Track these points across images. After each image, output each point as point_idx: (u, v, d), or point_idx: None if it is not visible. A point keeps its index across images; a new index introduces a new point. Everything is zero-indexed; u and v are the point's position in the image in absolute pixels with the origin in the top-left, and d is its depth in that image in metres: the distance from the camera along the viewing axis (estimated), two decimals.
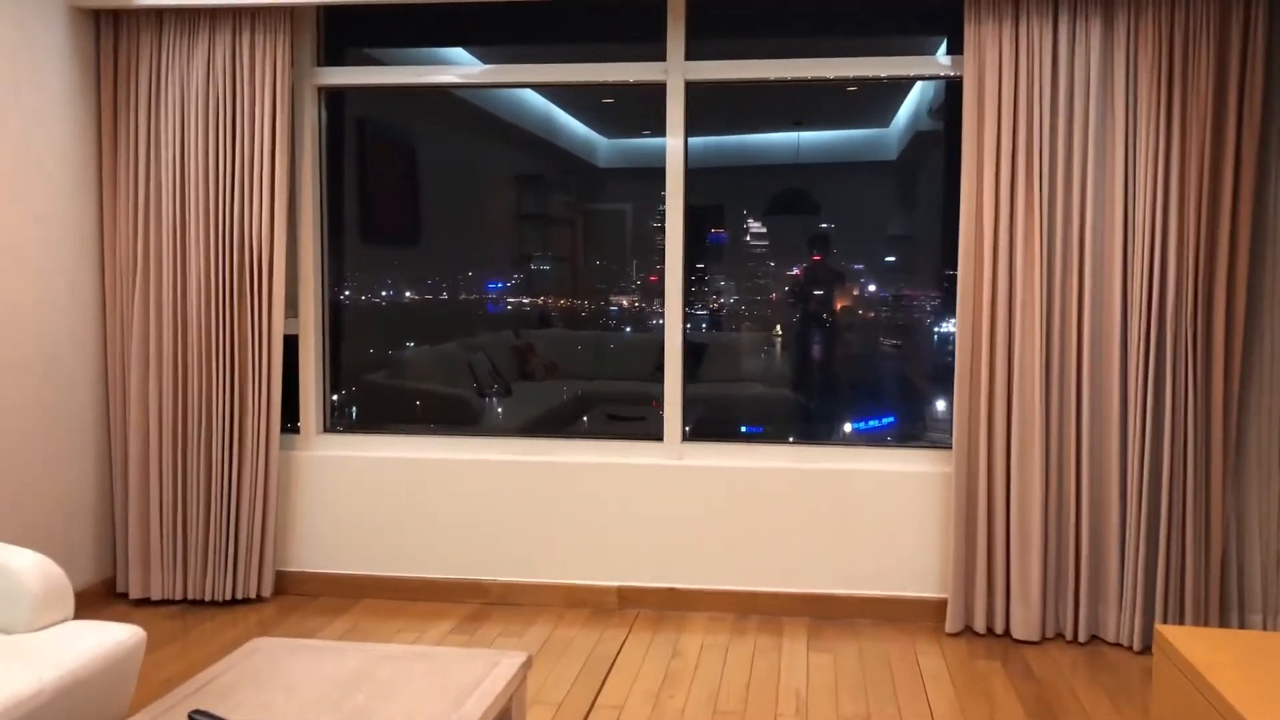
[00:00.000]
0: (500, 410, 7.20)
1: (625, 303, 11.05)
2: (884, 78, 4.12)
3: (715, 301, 10.75)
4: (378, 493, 4.38)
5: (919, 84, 9.80)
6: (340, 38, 4.59)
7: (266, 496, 4.26)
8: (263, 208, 4.17)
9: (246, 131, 4.16)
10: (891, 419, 6.08)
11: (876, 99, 10.81)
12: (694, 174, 11.46)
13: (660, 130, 4.32)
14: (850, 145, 11.94)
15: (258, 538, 4.25)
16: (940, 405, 5.71)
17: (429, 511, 4.35)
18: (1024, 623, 3.87)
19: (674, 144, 4.24)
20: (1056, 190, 3.79)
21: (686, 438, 4.32)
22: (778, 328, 8.53)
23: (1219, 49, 3.64)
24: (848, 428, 6.16)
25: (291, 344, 4.50)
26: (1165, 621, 3.76)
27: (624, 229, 12.31)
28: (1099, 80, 3.74)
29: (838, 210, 11.17)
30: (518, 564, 4.32)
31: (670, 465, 4.24)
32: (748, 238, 11.04)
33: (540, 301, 10.07)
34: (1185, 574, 3.76)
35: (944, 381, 6.44)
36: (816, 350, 6.24)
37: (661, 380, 4.35)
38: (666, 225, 4.27)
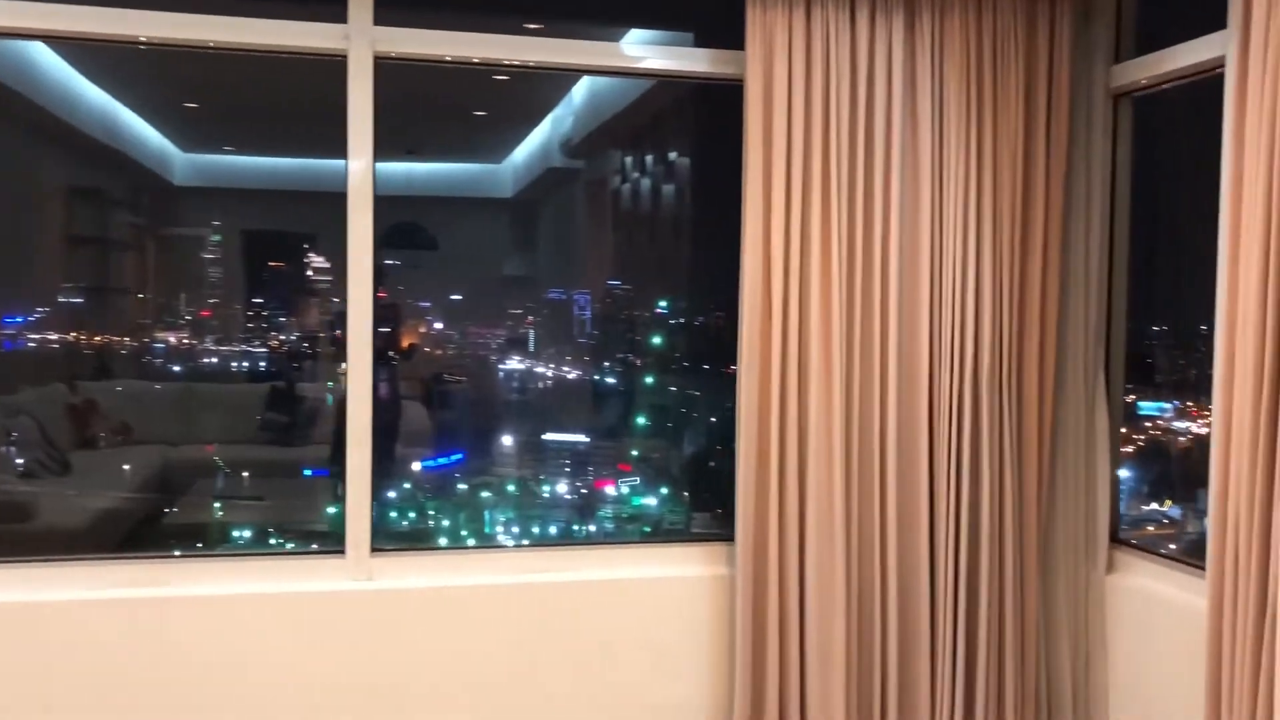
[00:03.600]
0: (57, 498, 5.37)
1: (174, 339, 9.46)
2: (637, 71, 3.23)
3: (276, 339, 9.56)
4: None
5: (551, 117, 9.07)
6: None
7: None
8: None
9: None
10: (460, 456, 5.88)
11: (501, 130, 9.92)
12: (266, 196, 9.91)
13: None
14: (463, 180, 11.02)
15: None
16: (506, 440, 5.78)
17: None
18: None
19: (360, 148, 3.03)
20: (857, 225, 3.08)
21: (377, 548, 3.10)
22: (342, 366, 7.57)
23: (1028, 58, 3.12)
24: (416, 466, 5.67)
25: None
26: None
27: (203, 257, 10.46)
28: (904, 89, 3.08)
29: (448, 246, 10.24)
30: None
31: (356, 592, 3.00)
32: (310, 272, 9.85)
33: (76, 338, 8.14)
34: (1004, 683, 3.16)
35: (508, 417, 6.50)
36: (383, 389, 5.74)
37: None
38: (350, 259, 3.05)
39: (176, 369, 8.80)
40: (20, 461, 5.52)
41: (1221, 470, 2.53)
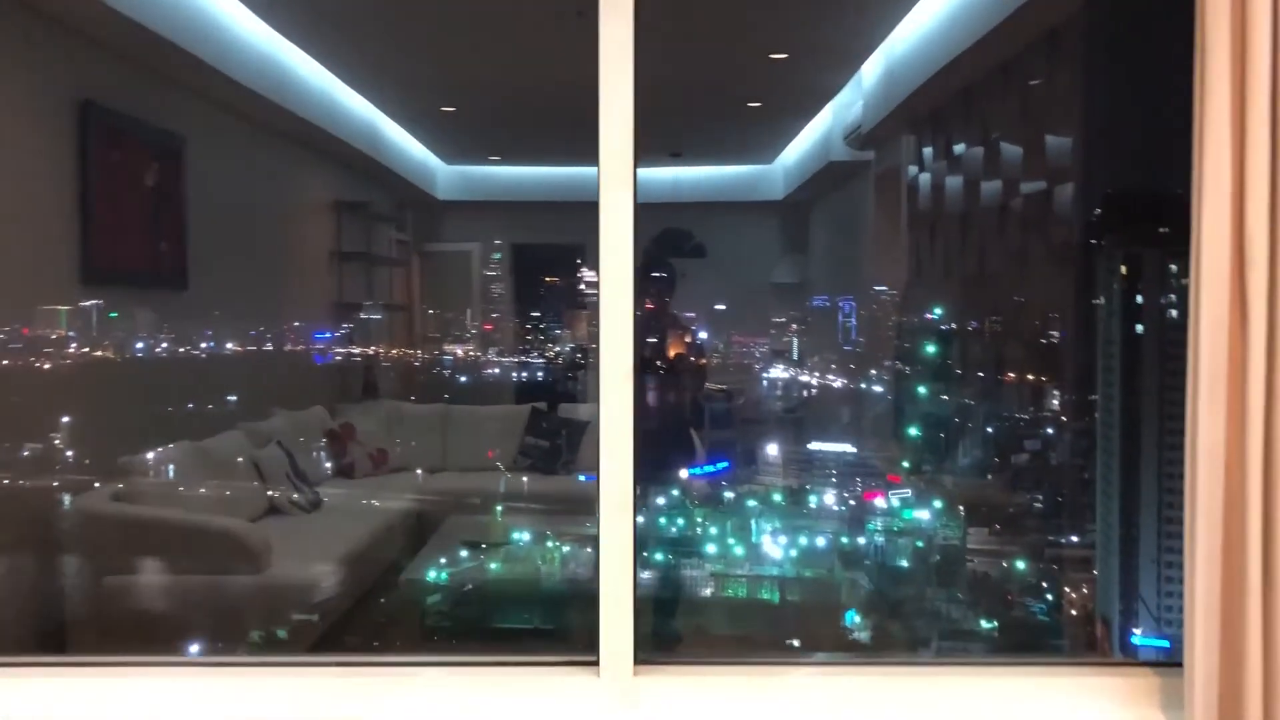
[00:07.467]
0: (299, 536, 4.85)
1: (461, 352, 9.29)
2: None
3: (552, 351, 9.23)
4: None
5: (835, 104, 7.99)
6: None
7: None
8: None
9: None
10: (726, 464, 5.89)
11: (774, 124, 8.91)
12: (531, 209, 9.31)
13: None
14: (730, 183, 10.08)
15: None
16: (771, 450, 5.70)
17: None
18: None
19: (618, 56, 2.16)
20: None
21: (642, 659, 2.20)
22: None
23: None
24: (684, 474, 5.49)
25: None
26: None
27: (469, 274, 10.09)
28: None
29: (713, 253, 9.46)
30: None
31: None
32: (582, 286, 9.31)
33: (375, 353, 8.13)
34: None
35: (772, 426, 7.04)
36: (651, 398, 5.81)
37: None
38: (603, 272, 2.17)
39: (463, 379, 8.83)
40: (271, 494, 5.10)
41: None
